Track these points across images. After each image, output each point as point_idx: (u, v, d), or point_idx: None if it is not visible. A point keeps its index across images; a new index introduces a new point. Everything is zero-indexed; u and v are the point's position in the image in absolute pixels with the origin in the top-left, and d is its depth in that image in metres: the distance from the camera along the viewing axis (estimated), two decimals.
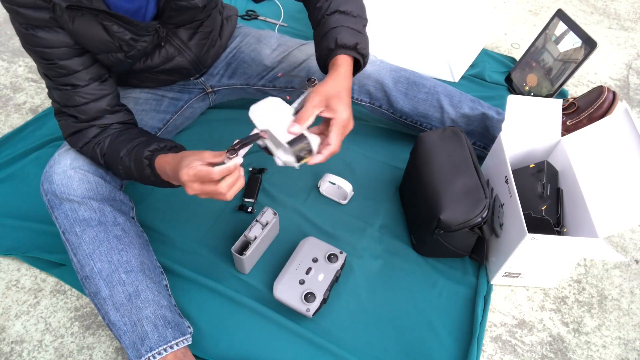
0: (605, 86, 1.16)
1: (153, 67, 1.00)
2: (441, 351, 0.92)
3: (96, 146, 0.89)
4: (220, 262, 1.02)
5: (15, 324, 0.96)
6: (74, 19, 0.80)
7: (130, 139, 0.88)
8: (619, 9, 1.89)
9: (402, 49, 1.45)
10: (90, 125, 0.89)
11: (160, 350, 0.82)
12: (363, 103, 1.19)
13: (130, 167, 0.85)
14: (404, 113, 1.18)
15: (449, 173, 0.97)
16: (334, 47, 0.86)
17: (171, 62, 1.02)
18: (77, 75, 0.86)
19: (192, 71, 1.09)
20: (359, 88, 1.16)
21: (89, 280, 0.86)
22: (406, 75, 1.16)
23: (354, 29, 0.88)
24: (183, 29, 0.98)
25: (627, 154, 0.90)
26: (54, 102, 0.90)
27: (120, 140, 0.88)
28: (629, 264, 1.09)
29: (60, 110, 0.89)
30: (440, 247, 1.00)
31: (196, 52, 1.04)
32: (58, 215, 0.89)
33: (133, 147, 0.86)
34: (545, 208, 0.96)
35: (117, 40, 0.85)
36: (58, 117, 0.91)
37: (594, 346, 0.95)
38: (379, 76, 1.14)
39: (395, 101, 1.16)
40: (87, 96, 0.87)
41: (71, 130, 0.90)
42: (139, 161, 0.84)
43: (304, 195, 1.15)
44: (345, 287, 1.00)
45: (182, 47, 1.00)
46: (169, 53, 1.00)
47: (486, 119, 1.14)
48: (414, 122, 1.19)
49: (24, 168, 1.19)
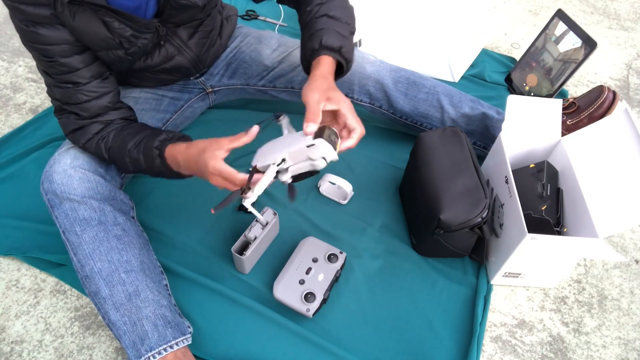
0: (606, 86, 1.16)
1: (153, 67, 1.00)
2: (441, 351, 0.92)
3: (100, 141, 0.90)
4: (220, 262, 1.02)
5: (15, 324, 0.96)
6: (75, 14, 0.80)
7: (137, 131, 0.89)
8: (619, 9, 1.89)
9: (402, 48, 1.45)
10: (92, 121, 0.90)
11: (160, 350, 0.82)
12: (363, 103, 1.19)
13: (139, 158, 0.86)
14: (404, 113, 1.18)
15: (449, 173, 0.97)
16: (318, 47, 0.87)
17: (171, 62, 1.02)
18: (78, 73, 0.86)
19: (192, 70, 1.09)
20: (359, 88, 1.16)
21: (89, 279, 0.86)
22: (406, 75, 1.16)
23: (340, 33, 0.89)
24: (183, 28, 0.98)
25: (627, 154, 0.90)
26: (54, 100, 0.90)
27: (126, 134, 0.89)
28: (629, 264, 1.09)
29: (61, 107, 0.89)
30: (440, 247, 1.00)
31: (196, 52, 1.04)
32: (58, 215, 0.89)
33: (141, 139, 0.87)
34: (545, 208, 0.96)
35: (118, 37, 0.85)
36: (58, 114, 0.91)
37: (594, 346, 0.95)
38: (379, 76, 1.14)
39: (395, 101, 1.16)
40: (89, 94, 0.87)
41: (73, 127, 0.90)
42: (148, 151, 0.85)
43: (304, 195, 1.15)
44: (345, 287, 1.00)
45: (182, 46, 1.00)
46: (169, 52, 1.00)
47: (486, 119, 1.14)
48: (414, 122, 1.19)
49: (24, 168, 1.19)
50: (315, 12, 0.91)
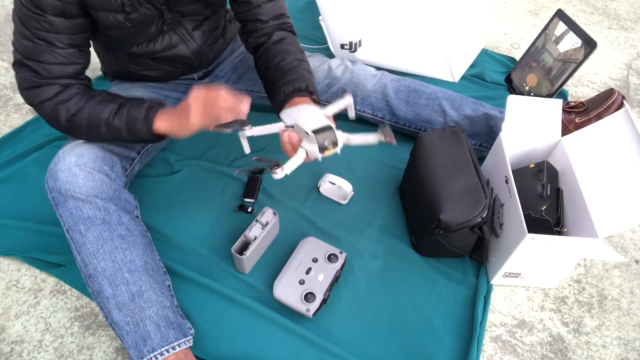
0: (616, 89, 1.18)
1: (155, 53, 1.01)
2: (441, 351, 0.92)
3: (59, 105, 0.88)
4: (220, 262, 1.02)
5: (15, 324, 0.96)
6: None
7: (106, 100, 0.89)
8: (619, 9, 1.89)
9: (401, 49, 1.45)
10: (50, 82, 0.87)
11: (163, 351, 0.82)
12: (366, 114, 1.22)
13: (121, 127, 0.87)
14: (407, 120, 1.20)
15: (449, 173, 0.97)
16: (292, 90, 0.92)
17: (173, 50, 1.02)
18: (59, 36, 0.84)
19: (194, 62, 1.09)
20: (362, 100, 1.19)
21: (92, 279, 0.86)
22: (406, 83, 1.19)
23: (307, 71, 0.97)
24: (189, 19, 0.99)
25: (627, 154, 0.90)
26: (15, 52, 0.86)
27: (95, 103, 0.88)
28: (629, 264, 1.09)
29: (22, 61, 0.86)
30: (440, 247, 1.00)
31: (200, 43, 1.05)
32: (62, 213, 0.88)
33: (117, 107, 0.88)
34: (545, 208, 0.96)
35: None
36: (17, 68, 0.88)
37: (594, 346, 0.95)
38: (380, 87, 1.18)
39: (397, 109, 1.18)
40: (58, 57, 0.86)
41: (30, 84, 0.87)
42: (134, 120, 0.86)
43: (304, 195, 1.15)
44: (345, 287, 1.00)
45: (186, 36, 1.01)
46: (172, 41, 1.00)
47: (490, 119, 1.15)
48: (417, 128, 1.21)
49: (24, 168, 1.19)
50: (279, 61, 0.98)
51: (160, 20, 0.94)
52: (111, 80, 1.16)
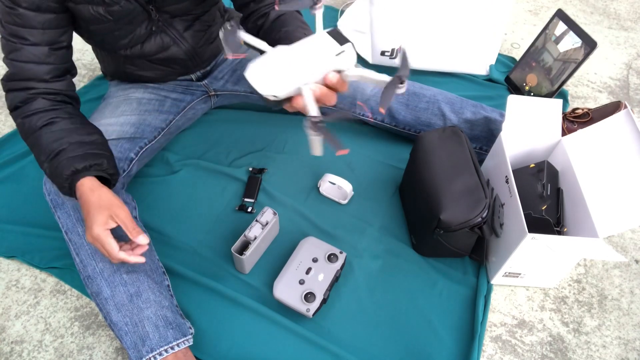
0: (624, 102, 1.16)
1: (149, 54, 1.01)
2: (441, 351, 0.92)
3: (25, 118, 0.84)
4: (220, 262, 1.02)
5: (15, 324, 0.96)
6: None
7: (58, 137, 0.82)
8: (619, 9, 1.89)
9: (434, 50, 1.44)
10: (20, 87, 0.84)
11: (161, 351, 0.82)
12: (365, 118, 1.21)
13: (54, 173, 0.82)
14: (406, 124, 1.19)
15: (449, 173, 0.97)
16: None
17: (167, 52, 1.02)
18: (32, 31, 0.81)
19: (189, 63, 1.09)
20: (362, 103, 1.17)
21: (91, 280, 0.86)
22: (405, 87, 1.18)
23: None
24: (179, 20, 0.99)
25: (627, 154, 0.90)
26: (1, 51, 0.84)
27: (49, 132, 0.83)
28: (629, 264, 1.09)
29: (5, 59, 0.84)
30: (440, 247, 1.00)
31: (192, 44, 1.04)
32: (60, 215, 0.89)
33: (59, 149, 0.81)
34: (545, 208, 0.96)
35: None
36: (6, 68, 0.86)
37: (594, 346, 0.95)
38: (379, 91, 1.17)
39: (397, 113, 1.18)
40: (29, 55, 0.83)
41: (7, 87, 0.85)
42: (59, 174, 0.81)
43: (304, 195, 1.15)
44: (345, 287, 1.00)
45: (178, 37, 1.01)
46: (165, 42, 1.00)
47: (490, 123, 1.14)
48: (417, 132, 1.21)
49: (24, 169, 1.19)
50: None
51: (149, 21, 0.94)
52: (110, 80, 1.16)
